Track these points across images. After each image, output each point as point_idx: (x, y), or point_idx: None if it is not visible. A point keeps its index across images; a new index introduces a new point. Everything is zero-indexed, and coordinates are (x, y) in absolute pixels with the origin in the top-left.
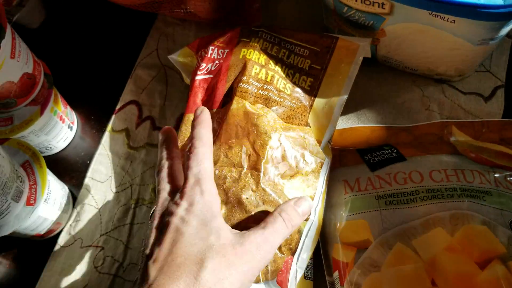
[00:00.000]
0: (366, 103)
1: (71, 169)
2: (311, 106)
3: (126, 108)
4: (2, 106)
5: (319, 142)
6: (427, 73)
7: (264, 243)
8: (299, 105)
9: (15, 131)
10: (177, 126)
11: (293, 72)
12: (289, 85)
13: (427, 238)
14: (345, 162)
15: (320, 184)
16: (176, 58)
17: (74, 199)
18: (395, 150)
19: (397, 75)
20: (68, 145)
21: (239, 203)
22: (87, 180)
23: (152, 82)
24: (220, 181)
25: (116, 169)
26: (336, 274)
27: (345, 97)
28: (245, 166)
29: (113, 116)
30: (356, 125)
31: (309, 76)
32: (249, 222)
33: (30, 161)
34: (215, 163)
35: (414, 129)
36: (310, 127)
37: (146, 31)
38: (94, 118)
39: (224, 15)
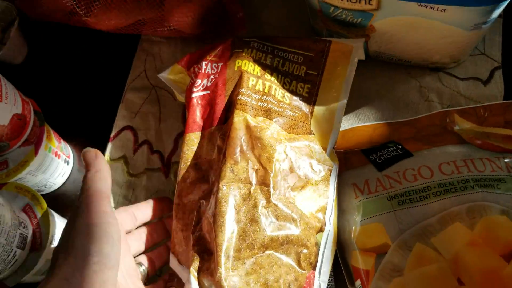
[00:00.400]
0: (364, 101)
1: (72, 204)
2: (311, 113)
3: (121, 135)
4: None
5: (324, 149)
6: (421, 63)
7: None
8: (300, 113)
9: (11, 174)
10: (175, 148)
11: (289, 80)
12: (287, 94)
13: (446, 235)
14: (351, 164)
15: (331, 192)
16: (167, 76)
17: None
18: (400, 146)
19: (391, 68)
20: (67, 180)
21: (253, 221)
22: None
23: (144, 105)
24: (228, 198)
25: (119, 199)
26: (358, 282)
27: (345, 101)
28: (254, 182)
29: (109, 144)
30: (356, 124)
31: (306, 82)
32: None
33: (30, 204)
34: (222, 179)
35: (415, 122)
36: (313, 134)
37: (131, 53)
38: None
39: (208, 28)
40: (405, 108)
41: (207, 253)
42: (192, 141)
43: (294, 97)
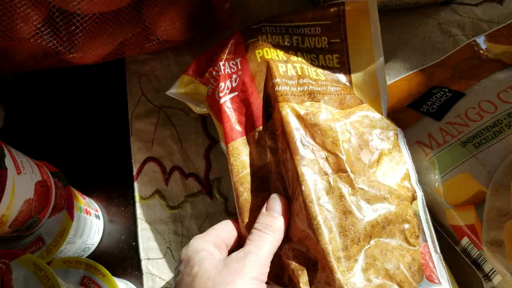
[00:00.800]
0: (387, 56)
1: (119, 259)
2: (350, 82)
3: (144, 169)
4: (26, 229)
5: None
6: (430, 0)
7: (246, 256)
8: (341, 86)
9: (52, 250)
10: (208, 165)
11: (315, 56)
12: (320, 70)
13: None
14: (404, 123)
15: (406, 156)
16: (176, 91)
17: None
18: (447, 89)
19: (402, 15)
20: (102, 235)
21: (346, 212)
22: (144, 264)
23: (157, 130)
24: (310, 198)
25: (170, 237)
26: (465, 240)
27: (382, 58)
28: (329, 171)
29: (135, 184)
30: (389, 82)
31: (333, 53)
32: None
33: (88, 275)
34: (296, 179)
35: (447, 61)
36: (365, 103)
37: (120, 80)
38: (116, 195)
39: (198, 29)
40: (432, 50)
41: (310, 263)
42: (237, 150)
43: (327, 71)
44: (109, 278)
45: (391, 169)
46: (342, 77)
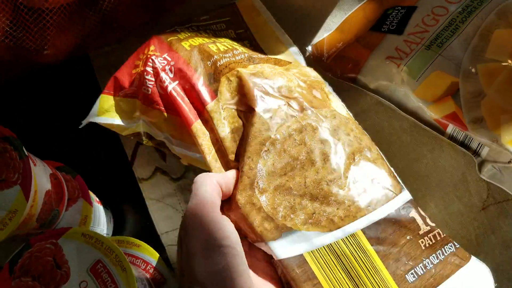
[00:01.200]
0: None
1: None
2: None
3: (138, 152)
4: (49, 224)
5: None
6: None
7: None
8: (268, 57)
9: None
10: None
11: (231, 42)
12: (243, 49)
13: (494, 45)
14: (372, 45)
15: (336, 97)
16: (97, 117)
17: None
18: (400, 7)
19: None
20: (114, 225)
21: (323, 141)
22: (164, 238)
23: None
24: (289, 143)
25: (182, 206)
26: (450, 128)
27: (294, 46)
28: (295, 114)
29: (134, 168)
30: (346, 15)
31: (244, 39)
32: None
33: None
34: (269, 136)
35: None
36: (292, 62)
37: (92, 77)
38: (117, 184)
39: (157, 7)
40: None
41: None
42: (201, 130)
43: (249, 51)
44: (144, 246)
45: (338, 103)
46: (262, 55)
